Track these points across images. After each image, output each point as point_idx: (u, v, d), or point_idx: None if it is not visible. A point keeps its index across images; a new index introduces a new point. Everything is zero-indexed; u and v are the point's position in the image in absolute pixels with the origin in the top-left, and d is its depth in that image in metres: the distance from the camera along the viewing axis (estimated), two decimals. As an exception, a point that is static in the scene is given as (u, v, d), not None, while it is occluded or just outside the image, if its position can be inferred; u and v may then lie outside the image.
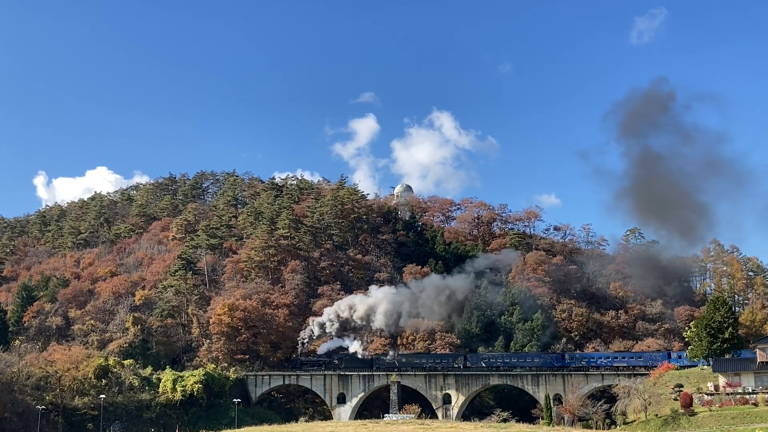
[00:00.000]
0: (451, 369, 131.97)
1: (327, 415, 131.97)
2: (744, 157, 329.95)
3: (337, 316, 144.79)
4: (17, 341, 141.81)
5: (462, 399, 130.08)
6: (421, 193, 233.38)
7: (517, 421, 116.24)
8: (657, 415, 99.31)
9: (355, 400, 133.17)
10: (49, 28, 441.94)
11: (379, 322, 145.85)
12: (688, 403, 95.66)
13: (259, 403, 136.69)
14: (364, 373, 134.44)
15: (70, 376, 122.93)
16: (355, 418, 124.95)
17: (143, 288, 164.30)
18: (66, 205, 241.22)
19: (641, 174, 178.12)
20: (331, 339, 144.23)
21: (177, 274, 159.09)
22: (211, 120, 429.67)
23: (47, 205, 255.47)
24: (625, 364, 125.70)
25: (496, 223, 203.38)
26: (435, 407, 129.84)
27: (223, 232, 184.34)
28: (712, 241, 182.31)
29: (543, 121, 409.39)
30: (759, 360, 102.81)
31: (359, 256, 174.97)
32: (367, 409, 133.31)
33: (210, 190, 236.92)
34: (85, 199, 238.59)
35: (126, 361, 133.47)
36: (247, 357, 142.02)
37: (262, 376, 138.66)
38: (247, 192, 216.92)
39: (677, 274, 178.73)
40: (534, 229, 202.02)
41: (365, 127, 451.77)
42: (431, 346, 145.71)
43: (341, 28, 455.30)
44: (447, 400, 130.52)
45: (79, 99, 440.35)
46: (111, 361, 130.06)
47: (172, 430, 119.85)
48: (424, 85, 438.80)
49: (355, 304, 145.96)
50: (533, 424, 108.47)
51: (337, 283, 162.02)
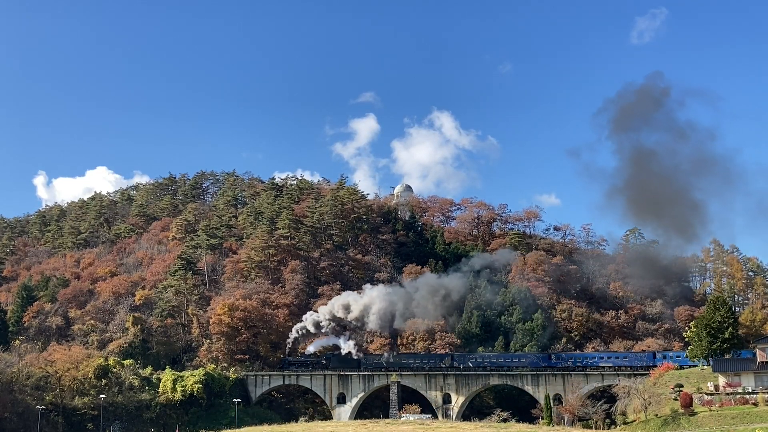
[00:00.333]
0: (439, 369, 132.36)
1: (327, 415, 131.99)
2: (737, 155, 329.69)
3: (333, 315, 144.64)
4: (17, 341, 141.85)
5: (462, 399, 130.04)
6: (421, 193, 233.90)
7: (517, 421, 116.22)
8: (657, 415, 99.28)
9: (355, 400, 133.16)
10: (49, 28, 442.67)
11: (373, 323, 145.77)
12: (688, 403, 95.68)
13: (259, 403, 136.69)
14: (363, 373, 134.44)
15: (70, 376, 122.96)
16: (355, 418, 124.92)
17: (143, 288, 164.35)
18: (66, 205, 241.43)
19: (634, 170, 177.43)
20: (326, 337, 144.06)
21: (177, 274, 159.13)
22: (211, 120, 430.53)
23: (47, 205, 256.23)
24: (611, 365, 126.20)
25: (496, 223, 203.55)
26: (435, 407, 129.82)
27: (223, 232, 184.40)
28: (712, 241, 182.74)
29: (543, 121, 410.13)
30: (759, 360, 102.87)
31: (359, 256, 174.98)
32: (367, 409, 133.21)
33: (210, 190, 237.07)
34: (85, 199, 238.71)
35: (126, 361, 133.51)
36: (247, 357, 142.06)
37: (262, 376, 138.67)
38: (247, 192, 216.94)
39: (677, 274, 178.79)
40: (534, 229, 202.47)
41: (365, 127, 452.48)
42: (431, 346, 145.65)
43: (341, 28, 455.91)
44: (447, 400, 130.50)
45: (79, 99, 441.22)
46: (111, 361, 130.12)
47: (172, 430, 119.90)
48: (424, 85, 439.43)
49: (349, 304, 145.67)
50: (533, 424, 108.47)
51: (337, 283, 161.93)
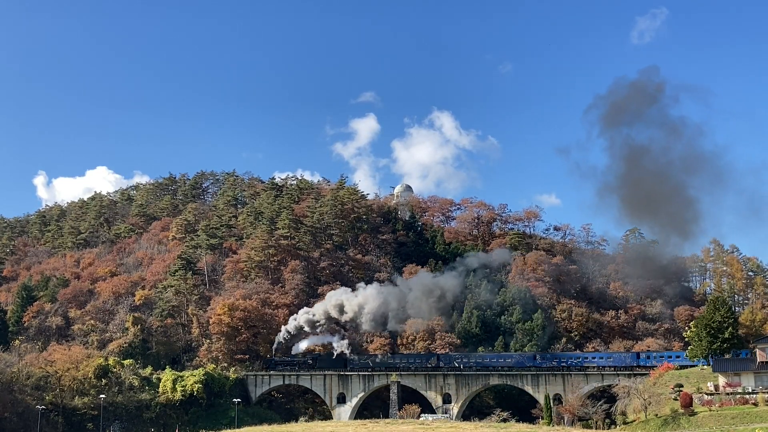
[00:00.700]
0: (424, 369, 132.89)
1: (327, 415, 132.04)
2: (726, 152, 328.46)
3: (328, 315, 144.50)
4: (17, 341, 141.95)
5: (462, 399, 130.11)
6: (422, 193, 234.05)
7: (517, 421, 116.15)
8: (657, 415, 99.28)
9: (355, 400, 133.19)
10: (49, 28, 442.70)
11: (366, 324, 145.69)
12: (688, 403, 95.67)
13: (259, 403, 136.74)
14: (363, 373, 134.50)
15: (70, 376, 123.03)
16: (355, 418, 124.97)
17: (143, 288, 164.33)
18: (66, 205, 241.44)
19: (627, 167, 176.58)
20: (319, 336, 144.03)
21: (177, 274, 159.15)
22: (211, 120, 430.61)
23: (47, 205, 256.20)
24: (594, 365, 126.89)
25: (496, 223, 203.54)
26: (434, 407, 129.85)
27: (223, 232, 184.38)
28: (712, 241, 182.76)
29: (543, 121, 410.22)
30: (759, 360, 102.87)
31: (359, 256, 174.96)
32: (367, 409, 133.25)
33: (210, 190, 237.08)
34: (85, 199, 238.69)
35: (126, 361, 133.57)
36: (247, 357, 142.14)
37: (262, 376, 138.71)
38: (247, 192, 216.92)
39: (677, 274, 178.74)
40: (534, 229, 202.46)
41: (366, 126, 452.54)
42: (431, 346, 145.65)
43: (341, 28, 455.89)
44: (447, 400, 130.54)
45: (79, 99, 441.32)
46: (111, 361, 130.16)
47: (172, 430, 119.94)
48: (424, 84, 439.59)
49: (343, 305, 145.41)
50: (533, 424, 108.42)
51: (337, 283, 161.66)
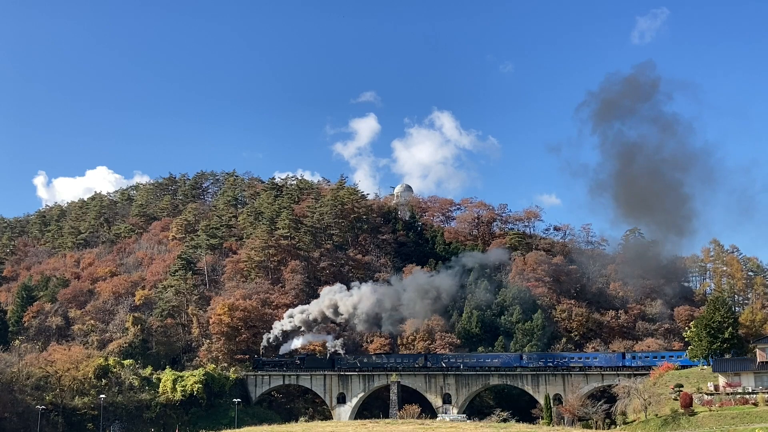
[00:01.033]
0: (412, 369, 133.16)
1: (327, 415, 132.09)
2: (716, 150, 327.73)
3: (323, 315, 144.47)
4: (17, 341, 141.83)
5: (462, 399, 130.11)
6: (422, 193, 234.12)
7: (517, 421, 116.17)
8: (657, 415, 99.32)
9: (355, 400, 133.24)
10: (49, 28, 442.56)
11: (359, 325, 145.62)
12: (688, 403, 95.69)
13: (259, 403, 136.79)
14: (363, 373, 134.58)
15: (70, 376, 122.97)
16: (355, 418, 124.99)
17: (143, 288, 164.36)
18: (66, 205, 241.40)
19: (620, 164, 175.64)
20: (314, 334, 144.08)
21: (177, 274, 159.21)
22: (211, 120, 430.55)
23: (47, 205, 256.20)
24: (581, 365, 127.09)
25: (496, 223, 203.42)
26: (435, 407, 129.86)
27: (223, 232, 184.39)
28: (712, 241, 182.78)
29: (544, 121, 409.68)
30: (759, 360, 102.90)
31: (359, 256, 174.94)
32: (367, 409, 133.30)
33: (210, 190, 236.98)
34: (85, 199, 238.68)
35: (126, 361, 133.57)
36: (247, 357, 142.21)
37: (262, 376, 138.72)
38: (247, 192, 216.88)
39: (677, 274, 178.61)
40: (534, 229, 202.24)
41: (366, 126, 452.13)
42: (431, 346, 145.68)
43: (341, 28, 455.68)
44: (447, 400, 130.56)
45: (79, 99, 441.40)
46: (111, 361, 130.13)
47: (172, 430, 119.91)
48: (424, 84, 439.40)
49: (338, 305, 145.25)
50: (533, 424, 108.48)
51: (337, 283, 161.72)
